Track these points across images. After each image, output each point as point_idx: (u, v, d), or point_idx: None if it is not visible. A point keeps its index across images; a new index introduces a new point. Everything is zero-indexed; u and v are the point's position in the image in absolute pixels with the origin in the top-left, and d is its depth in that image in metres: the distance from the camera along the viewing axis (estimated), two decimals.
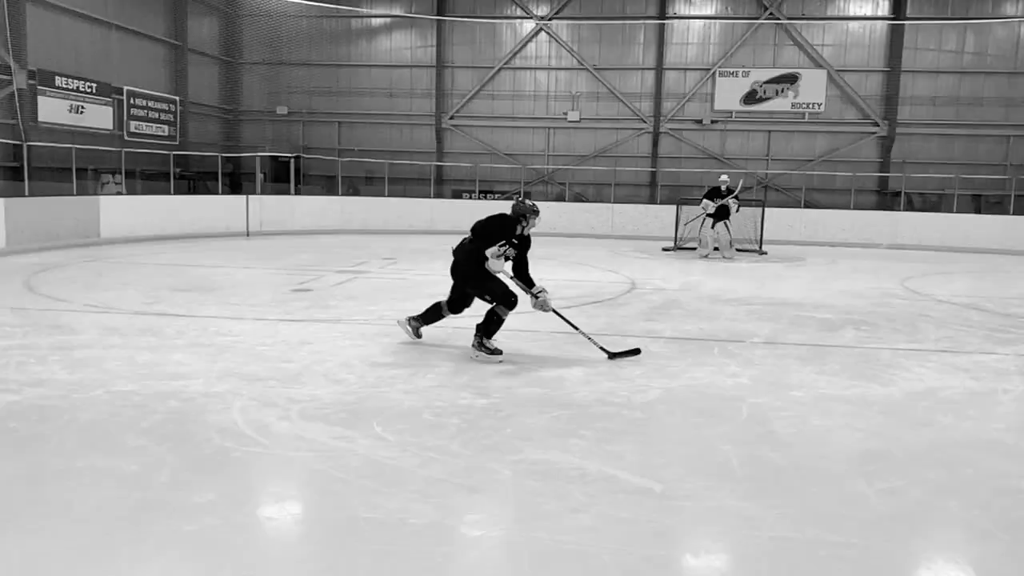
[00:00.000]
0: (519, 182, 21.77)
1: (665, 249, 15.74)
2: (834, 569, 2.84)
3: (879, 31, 21.03)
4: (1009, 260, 15.46)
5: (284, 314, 7.46)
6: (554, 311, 6.11)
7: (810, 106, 21.19)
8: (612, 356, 5.92)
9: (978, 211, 19.22)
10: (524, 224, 5.99)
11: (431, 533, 3.00)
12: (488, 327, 5.87)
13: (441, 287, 9.66)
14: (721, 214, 13.87)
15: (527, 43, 22.45)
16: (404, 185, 21.72)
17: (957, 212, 18.50)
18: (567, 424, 4.33)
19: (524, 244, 6.09)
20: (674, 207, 16.39)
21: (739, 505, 3.36)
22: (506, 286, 5.96)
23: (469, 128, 22.94)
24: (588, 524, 3.10)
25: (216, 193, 18.13)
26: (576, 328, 6.21)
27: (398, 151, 22.65)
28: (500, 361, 5.72)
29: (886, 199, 20.70)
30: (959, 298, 9.81)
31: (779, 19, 21.12)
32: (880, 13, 20.99)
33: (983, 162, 20.58)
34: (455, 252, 6.10)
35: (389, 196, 19.55)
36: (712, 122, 21.85)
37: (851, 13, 21.15)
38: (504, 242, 5.87)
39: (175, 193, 16.91)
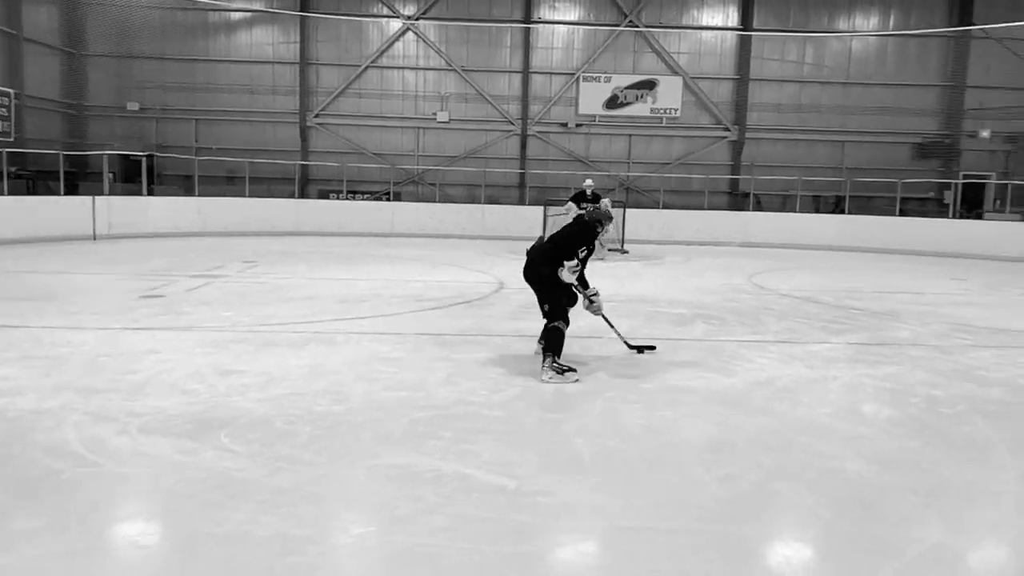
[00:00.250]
0: (388, 182, 21.55)
1: None
2: (674, 554, 2.98)
3: (729, 41, 22.28)
4: (845, 256, 16.79)
5: (130, 322, 7.03)
6: (603, 316, 6.18)
7: (667, 111, 22.17)
8: (639, 350, 6.27)
9: (817, 211, 20.73)
10: (600, 230, 5.99)
11: (277, 544, 2.91)
12: (555, 345, 5.63)
13: (305, 291, 9.45)
14: None
15: (394, 42, 22.24)
16: (267, 185, 20.98)
17: (800, 212, 19.91)
18: (426, 426, 4.32)
19: (592, 249, 6.07)
20: (542, 208, 16.71)
21: (588, 497, 3.47)
22: (565, 303, 5.83)
23: (335, 127, 22.47)
24: (442, 525, 3.11)
25: (57, 194, 16.84)
26: (613, 327, 6.40)
27: (260, 150, 21.86)
28: (576, 380, 5.44)
29: (737, 200, 21.96)
30: (799, 292, 10.54)
31: (638, 27, 21.95)
32: (730, 24, 22.23)
33: (822, 165, 22.22)
34: (530, 252, 5.99)
35: (251, 196, 18.83)
36: (577, 125, 22.43)
37: (704, 23, 22.27)
38: (584, 248, 5.82)
39: (10, 193, 15.56)
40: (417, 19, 22.08)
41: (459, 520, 3.15)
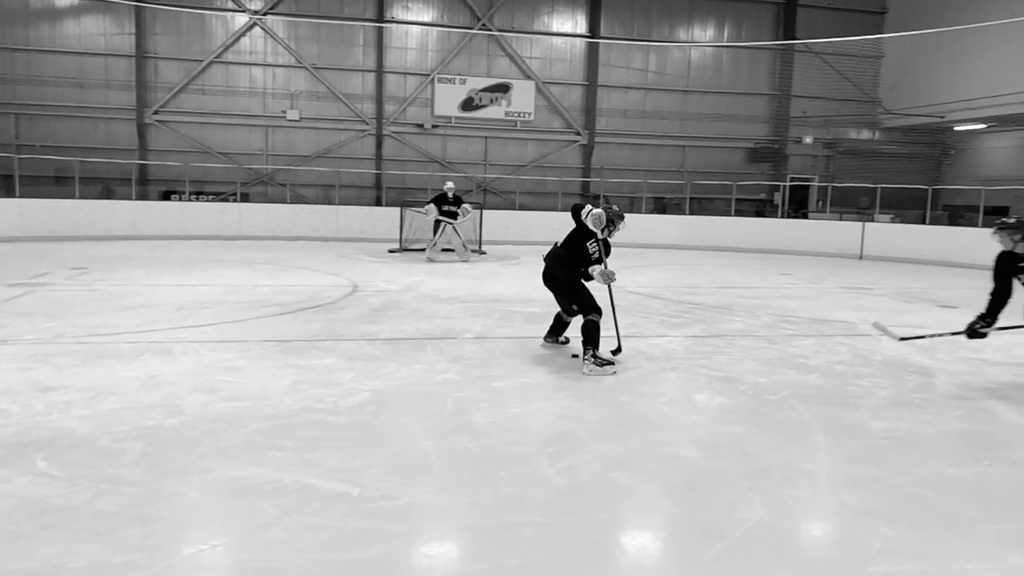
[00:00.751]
0: (235, 183, 20.63)
1: (391, 251, 15.84)
2: (516, 548, 3.03)
3: (578, 48, 22.97)
4: (686, 254, 17.74)
5: None
6: (610, 289, 6.34)
7: (521, 115, 22.57)
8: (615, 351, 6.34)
9: (662, 211, 21.78)
10: (612, 229, 6.23)
11: (93, 575, 2.71)
12: (593, 339, 5.86)
13: (141, 298, 8.86)
14: (451, 219, 14.13)
15: (240, 37, 21.31)
16: (102, 185, 19.54)
17: (645, 213, 20.85)
18: (266, 437, 4.17)
19: (607, 249, 6.29)
20: (399, 209, 16.56)
21: (433, 499, 3.46)
22: (592, 298, 6.10)
23: (177, 124, 21.25)
24: (277, 537, 3.01)
25: None
26: (614, 309, 6.56)
27: (93, 148, 20.31)
28: (614, 372, 5.78)
29: (589, 201, 22.62)
30: (643, 289, 11.02)
31: (491, 30, 22.21)
32: (579, 31, 22.93)
33: (665, 168, 23.37)
34: (546, 259, 6.38)
35: (82, 198, 17.47)
36: (433, 127, 22.40)
37: (554, 29, 22.85)
38: (594, 240, 6.10)
39: None
40: (264, 14, 21.28)
41: (297, 531, 3.06)
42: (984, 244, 17.01)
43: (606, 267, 6.14)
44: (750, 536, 3.18)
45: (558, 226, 19.63)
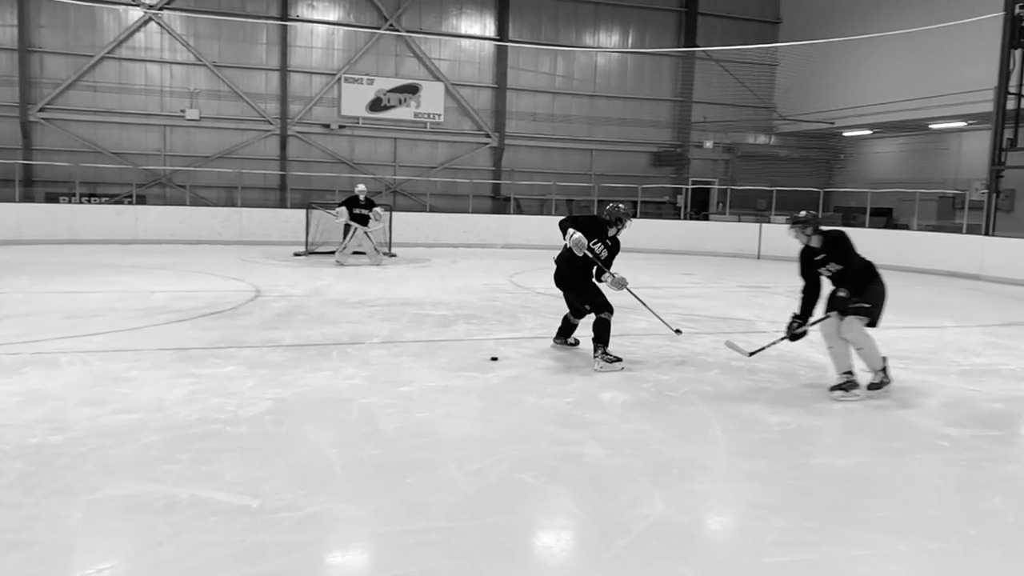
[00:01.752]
0: (131, 184, 19.70)
1: (297, 254, 15.47)
2: (420, 555, 3.00)
3: (487, 50, 23.05)
4: None
5: None
6: (628, 290, 6.41)
7: (431, 116, 22.46)
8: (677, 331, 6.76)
9: (571, 213, 22.06)
10: (618, 227, 6.38)
11: None
12: (604, 337, 6.15)
13: (24, 306, 8.33)
14: (361, 222, 13.87)
15: (134, 32, 20.38)
16: None
17: (555, 215, 21.08)
18: (161, 450, 3.99)
19: (615, 248, 6.43)
20: (305, 211, 16.20)
21: (336, 508, 3.40)
22: (604, 297, 6.31)
23: (66, 122, 20.12)
24: (170, 556, 2.88)
25: None
26: (645, 304, 6.72)
27: None
28: (622, 368, 6.07)
29: (499, 203, 22.79)
30: (553, 290, 11.07)
31: (399, 31, 22.02)
32: (487, 34, 23.00)
33: (574, 171, 23.73)
34: (557, 260, 6.49)
35: None
36: (340, 127, 22.01)
37: (463, 31, 22.84)
38: (597, 240, 6.22)
39: None
40: (160, 9, 20.42)
41: (192, 549, 2.94)
42: (870, 243, 17.95)
43: (617, 275, 6.33)
44: (651, 532, 3.26)
45: (469, 228, 19.84)
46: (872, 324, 5.50)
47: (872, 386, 5.55)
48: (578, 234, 6.05)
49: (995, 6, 15.27)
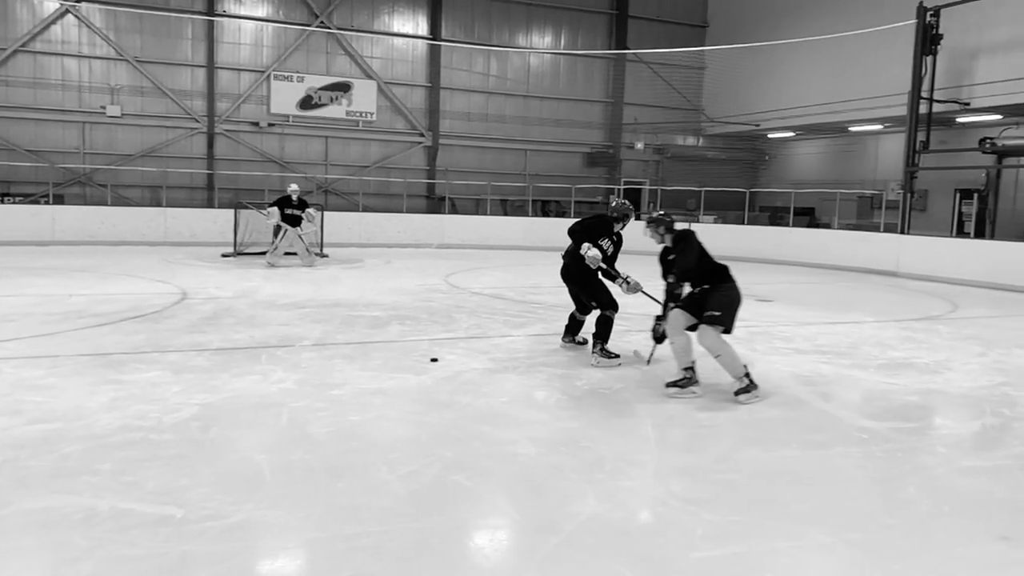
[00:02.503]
0: (47, 183, 18.87)
1: (225, 255, 15.08)
2: (352, 560, 2.96)
3: (420, 49, 22.90)
4: (530, 255, 18.12)
5: None
6: (643, 292, 6.46)
7: (363, 115, 22.19)
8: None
9: (506, 214, 22.15)
10: (623, 223, 6.52)
11: None
12: (604, 333, 6.34)
13: None
14: (293, 222, 13.58)
15: (50, 25, 19.53)
16: None
17: (490, 215, 21.14)
18: (79, 461, 3.84)
19: (619, 244, 6.57)
20: (233, 211, 15.80)
21: (265, 515, 3.32)
22: (609, 294, 6.48)
23: None
24: (88, 572, 2.77)
25: None
26: (658, 301, 6.27)
27: None
28: (619, 364, 6.24)
29: (434, 203, 22.68)
30: (488, 290, 11.17)
31: (330, 28, 21.69)
32: (420, 32, 22.85)
33: (509, 171, 23.80)
34: (564, 257, 6.56)
35: None
36: (270, 125, 21.54)
37: (395, 29, 22.63)
38: (604, 237, 6.37)
39: None
40: (78, 1, 19.61)
41: (112, 563, 2.83)
42: (794, 242, 18.43)
43: (628, 277, 6.45)
44: (584, 529, 3.29)
45: (403, 228, 19.69)
46: (727, 331, 5.36)
47: (739, 392, 5.33)
48: (594, 250, 6.29)
49: (909, 14, 15.97)
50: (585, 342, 6.93)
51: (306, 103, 21.66)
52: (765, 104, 21.98)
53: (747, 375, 5.39)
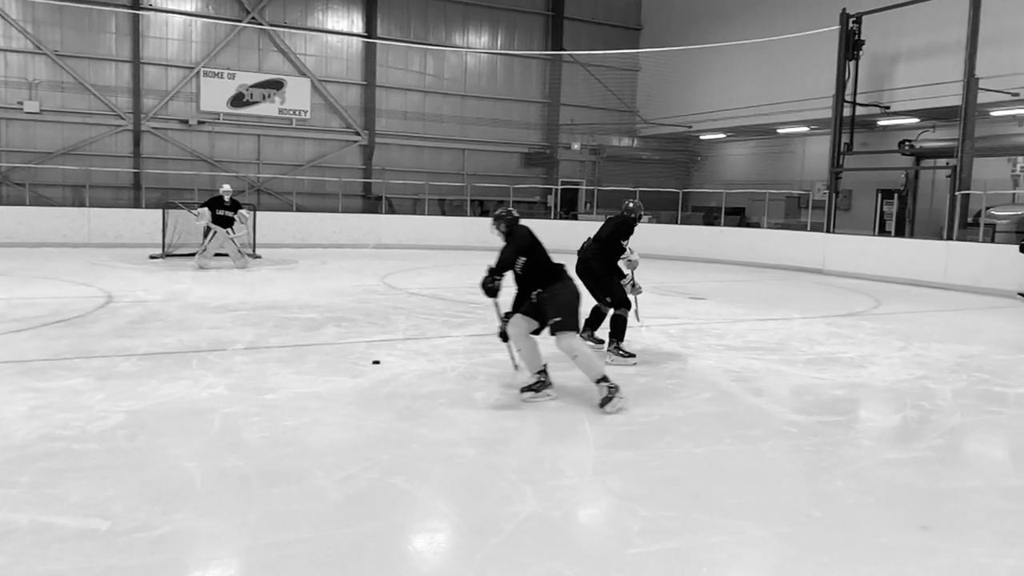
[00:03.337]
0: None
1: (153, 257, 14.62)
2: (288, 568, 2.90)
3: (355, 47, 22.61)
4: (468, 255, 18.08)
5: None
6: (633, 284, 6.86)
7: (297, 113, 21.81)
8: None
9: (444, 213, 22.07)
10: (637, 223, 6.97)
11: None
12: (620, 332, 6.52)
13: None
14: (225, 224, 13.22)
15: None
16: None
17: (428, 215, 21.03)
18: None
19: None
20: (161, 211, 15.32)
21: (197, 525, 3.23)
22: (623, 291, 6.68)
23: None
24: None
25: None
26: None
27: None
28: (634, 363, 6.36)
29: (371, 203, 22.43)
30: (426, 290, 11.10)
31: (262, 24, 21.23)
32: (355, 30, 22.57)
33: (446, 171, 23.72)
34: (580, 253, 6.75)
35: None
36: (199, 123, 20.98)
37: (329, 27, 22.30)
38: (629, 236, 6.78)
39: None
40: None
41: None
42: (725, 241, 18.85)
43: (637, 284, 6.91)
44: (523, 529, 3.30)
45: (339, 228, 19.44)
46: (576, 329, 5.23)
47: (603, 402, 5.03)
48: (636, 254, 6.84)
49: (833, 20, 16.53)
50: (603, 342, 6.94)
51: (237, 100, 21.18)
52: (697, 106, 22.45)
53: (605, 378, 5.10)
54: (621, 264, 6.92)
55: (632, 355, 6.52)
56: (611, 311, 6.78)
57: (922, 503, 3.81)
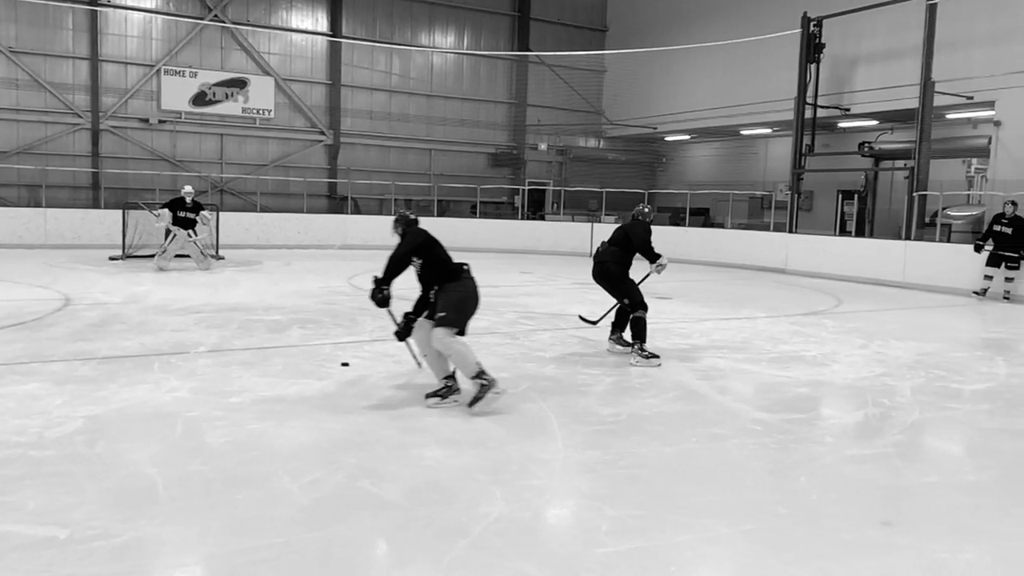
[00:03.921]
0: None
1: (113, 258, 14.33)
2: (252, 574, 2.86)
3: (320, 45, 22.40)
4: None
5: None
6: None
7: (260, 112, 21.54)
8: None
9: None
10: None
11: None
12: (640, 333, 6.61)
13: None
14: (186, 225, 12.99)
15: None
16: None
17: (395, 215, 20.84)
18: None
19: None
20: (121, 211, 15.03)
21: (159, 531, 3.17)
22: (640, 293, 6.78)
23: None
24: None
25: None
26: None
27: None
28: (659, 364, 6.45)
29: (336, 203, 22.25)
30: (393, 291, 10.97)
31: (224, 22, 20.93)
32: (320, 28, 22.36)
33: (413, 171, 23.61)
34: (599, 256, 6.95)
35: None
36: (160, 122, 20.62)
37: (294, 25, 22.07)
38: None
39: None
40: None
41: None
42: (690, 241, 18.99)
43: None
44: (491, 530, 3.29)
45: (304, 228, 19.27)
46: (461, 332, 5.15)
47: (472, 402, 4.97)
48: (665, 258, 6.95)
49: (795, 24, 16.80)
50: (630, 344, 6.93)
51: (200, 99, 20.86)
52: (662, 108, 22.65)
53: (481, 375, 4.98)
54: (652, 270, 7.04)
55: (656, 356, 6.60)
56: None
57: (883, 499, 3.88)
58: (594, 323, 7.62)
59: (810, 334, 8.59)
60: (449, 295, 5.20)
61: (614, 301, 7.05)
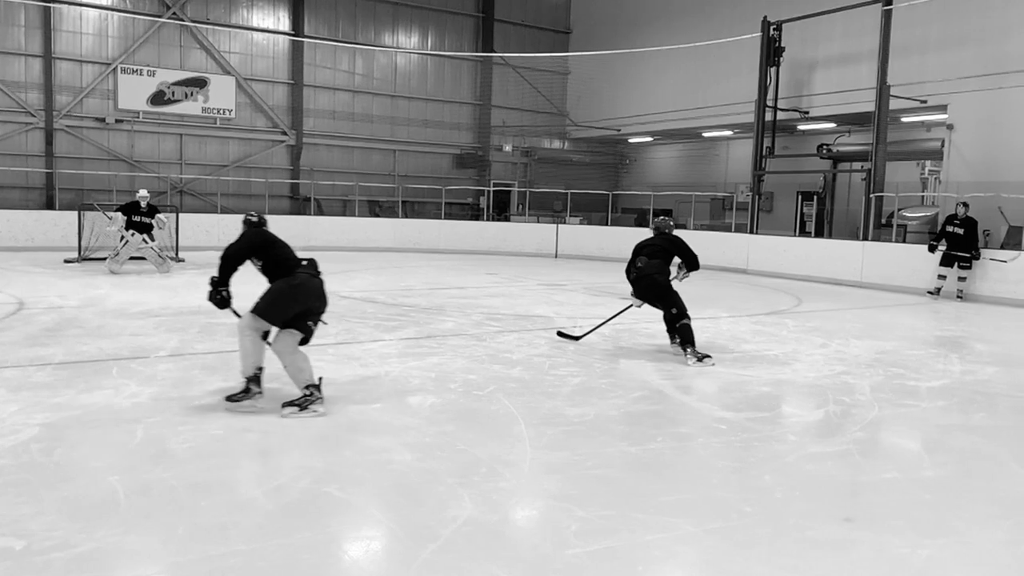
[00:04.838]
0: None
1: (68, 261, 13.99)
2: None
3: (282, 45, 22.12)
4: (400, 256, 17.97)
5: None
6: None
7: (221, 112, 21.20)
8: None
9: (375, 215, 21.83)
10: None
11: None
12: (690, 337, 6.90)
13: None
14: (141, 230, 12.72)
15: None
16: None
17: (359, 216, 20.75)
18: None
19: None
20: (76, 213, 14.68)
21: (121, 541, 3.10)
22: (683, 301, 7.05)
23: None
24: None
25: None
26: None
27: None
28: (713, 364, 6.73)
29: (299, 204, 22.00)
30: (358, 293, 10.95)
31: (183, 20, 20.58)
32: (281, 28, 22.09)
33: (377, 172, 23.44)
34: (644, 271, 7.16)
35: None
36: (117, 121, 20.18)
37: (255, 24, 21.76)
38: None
39: None
40: None
41: None
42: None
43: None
44: (460, 533, 3.28)
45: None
46: (266, 319, 5.02)
47: (286, 404, 4.87)
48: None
49: (755, 27, 17.05)
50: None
51: (158, 99, 20.47)
52: (625, 110, 22.82)
53: (311, 387, 4.91)
54: (681, 277, 7.43)
55: (709, 355, 6.87)
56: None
57: (845, 495, 3.96)
58: (577, 339, 7.64)
59: (772, 333, 8.72)
60: (271, 288, 5.13)
61: (599, 320, 7.56)
